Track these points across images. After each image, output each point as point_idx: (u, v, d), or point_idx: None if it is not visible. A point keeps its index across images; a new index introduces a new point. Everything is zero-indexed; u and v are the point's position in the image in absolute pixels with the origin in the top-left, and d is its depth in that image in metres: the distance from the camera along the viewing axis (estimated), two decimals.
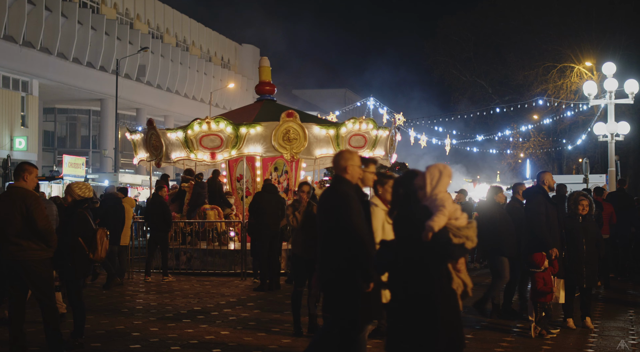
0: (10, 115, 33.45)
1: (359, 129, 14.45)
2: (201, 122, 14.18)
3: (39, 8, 35.36)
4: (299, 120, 13.98)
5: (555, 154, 46.04)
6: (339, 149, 13.93)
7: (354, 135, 14.42)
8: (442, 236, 4.48)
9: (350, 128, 14.35)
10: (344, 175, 5.22)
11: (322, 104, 68.29)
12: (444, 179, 4.73)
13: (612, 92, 21.30)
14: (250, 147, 14.06)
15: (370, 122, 14.65)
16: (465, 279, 4.82)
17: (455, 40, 49.08)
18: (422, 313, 4.41)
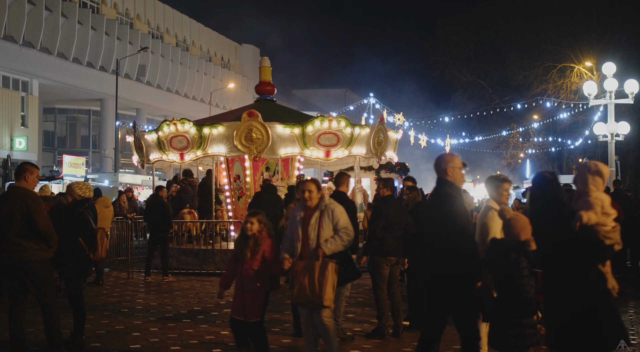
0: (10, 115, 33.46)
1: (329, 127, 14.10)
2: (169, 123, 14.62)
3: (39, 8, 35.37)
4: (261, 119, 14.00)
5: (555, 154, 46.05)
6: (306, 147, 13.97)
7: (324, 133, 14.12)
8: (592, 237, 4.64)
9: (317, 126, 14.06)
10: (445, 177, 5.33)
11: (322, 104, 68.32)
12: (596, 177, 4.97)
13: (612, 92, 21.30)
14: (214, 147, 14.28)
15: (342, 120, 14.20)
16: (611, 280, 4.97)
17: (455, 40, 49.10)
18: (582, 315, 4.56)
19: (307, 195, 6.09)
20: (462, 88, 50.09)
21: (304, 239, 6.04)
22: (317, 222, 6.03)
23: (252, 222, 6.09)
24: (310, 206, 6.11)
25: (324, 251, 5.91)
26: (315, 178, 6.51)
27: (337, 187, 8.16)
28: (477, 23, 47.88)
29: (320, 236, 5.98)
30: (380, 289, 7.85)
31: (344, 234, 6.01)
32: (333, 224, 6.01)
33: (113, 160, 40.12)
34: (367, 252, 8.24)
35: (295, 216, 6.19)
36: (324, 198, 6.16)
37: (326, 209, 6.07)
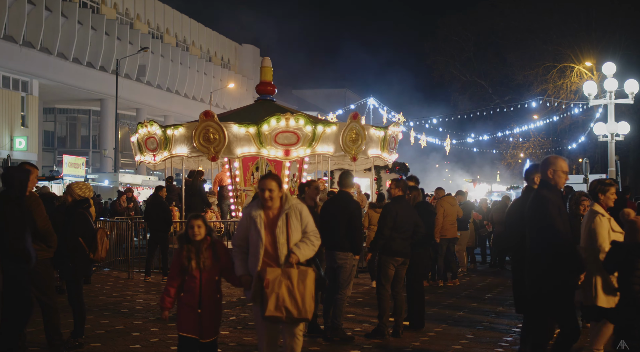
0: (10, 115, 33.45)
1: (286, 125, 13.88)
2: (142, 125, 15.11)
3: (39, 8, 35.36)
4: (217, 119, 14.06)
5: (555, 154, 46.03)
6: (262, 147, 13.93)
7: (281, 132, 13.89)
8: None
9: (274, 125, 13.84)
10: (547, 180, 5.52)
11: (322, 104, 68.33)
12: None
13: (612, 92, 21.30)
14: (177, 148, 14.46)
15: (301, 118, 13.96)
16: None
17: (455, 40, 49.09)
18: None
19: (267, 195, 5.31)
20: (462, 88, 50.10)
21: (269, 244, 5.29)
22: (284, 225, 5.31)
23: (199, 225, 5.41)
24: (270, 207, 5.38)
25: (297, 258, 5.25)
26: (277, 174, 5.92)
27: (341, 187, 8.08)
28: (477, 23, 47.90)
29: (290, 240, 5.30)
30: (384, 289, 7.84)
31: (314, 238, 5.40)
32: (302, 227, 5.38)
33: (113, 160, 40.11)
34: (373, 250, 8.25)
35: (252, 216, 5.36)
36: (288, 198, 5.45)
37: (293, 210, 5.37)
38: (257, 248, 5.28)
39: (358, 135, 14.48)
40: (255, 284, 5.26)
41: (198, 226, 5.41)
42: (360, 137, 14.50)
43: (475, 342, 7.67)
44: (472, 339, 7.82)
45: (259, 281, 5.21)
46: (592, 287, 6.09)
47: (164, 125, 14.75)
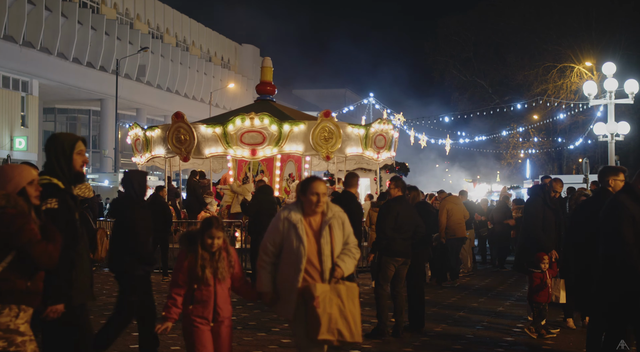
0: (10, 115, 33.45)
1: (251, 125, 14.02)
2: (131, 127, 15.88)
3: (39, 8, 35.35)
4: (187, 120, 14.32)
5: (555, 154, 46.05)
6: (229, 146, 14.05)
7: (247, 132, 14.07)
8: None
9: (239, 125, 14.05)
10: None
11: (322, 104, 68.32)
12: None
13: (612, 92, 21.28)
14: (156, 149, 14.95)
15: (265, 118, 14.03)
16: None
17: (455, 40, 49.09)
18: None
19: (315, 199, 4.74)
20: (462, 88, 50.08)
21: (312, 254, 4.72)
22: (328, 234, 4.76)
23: (219, 236, 4.78)
24: (316, 213, 4.81)
25: (342, 272, 4.73)
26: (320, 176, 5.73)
27: (346, 188, 8.05)
28: (477, 23, 47.90)
29: (334, 252, 4.76)
30: (382, 288, 7.84)
31: (355, 251, 4.88)
32: (344, 238, 4.86)
33: (113, 160, 40.11)
34: (374, 250, 8.25)
35: (292, 221, 4.76)
36: (330, 206, 4.91)
37: (336, 219, 4.83)
38: (299, 258, 4.66)
39: (331, 134, 14.28)
40: (296, 301, 4.66)
41: (219, 237, 4.78)
42: (334, 135, 14.30)
43: (475, 342, 7.67)
44: (472, 339, 7.81)
45: (307, 298, 4.60)
46: None
47: (144, 127, 15.23)
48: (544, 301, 7.87)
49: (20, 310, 3.86)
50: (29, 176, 4.09)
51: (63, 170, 4.71)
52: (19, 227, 3.79)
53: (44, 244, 3.84)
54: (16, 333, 3.83)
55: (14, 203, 3.86)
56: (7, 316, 3.81)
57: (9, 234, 3.78)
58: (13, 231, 3.78)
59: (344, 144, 14.59)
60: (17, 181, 4.05)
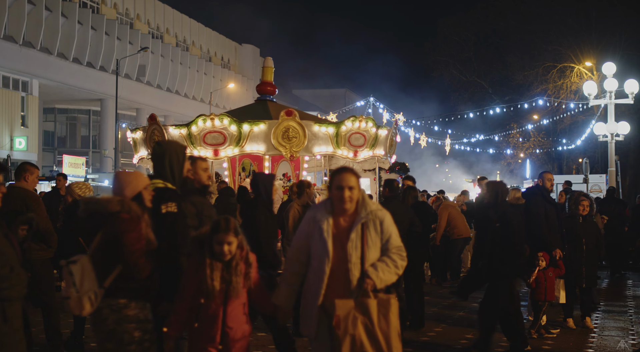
0: (10, 115, 33.45)
1: (212, 125, 14.20)
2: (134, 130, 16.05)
3: (39, 8, 35.35)
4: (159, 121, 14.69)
5: (555, 154, 46.05)
6: (194, 147, 14.22)
7: (209, 132, 14.24)
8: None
9: (201, 126, 14.25)
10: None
11: (322, 104, 68.31)
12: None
13: (612, 92, 21.31)
14: (141, 151, 15.48)
15: (225, 118, 14.19)
16: None
17: (455, 40, 49.08)
18: None
19: (347, 195, 4.07)
20: (462, 88, 50.08)
21: (337, 261, 4.04)
22: (359, 238, 4.06)
23: (230, 242, 4.15)
24: (346, 211, 4.13)
25: (374, 283, 3.99)
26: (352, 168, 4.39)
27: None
28: (477, 23, 47.88)
29: (365, 259, 4.04)
30: None
31: (397, 257, 4.12)
32: (382, 242, 4.13)
33: (113, 160, 40.10)
34: None
35: (317, 220, 4.14)
36: (366, 202, 4.17)
37: (371, 218, 4.11)
38: (321, 265, 4.04)
39: (295, 133, 14.15)
40: (317, 317, 4.03)
41: (229, 243, 4.14)
42: (298, 134, 14.14)
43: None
44: (472, 339, 7.81)
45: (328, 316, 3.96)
46: None
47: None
48: (542, 298, 7.87)
49: (145, 302, 4.27)
50: (144, 181, 4.46)
51: (174, 176, 4.95)
52: (125, 230, 4.18)
53: (143, 258, 4.19)
54: (147, 322, 4.23)
55: (128, 208, 4.20)
56: (135, 309, 4.18)
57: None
58: (118, 233, 4.17)
59: (311, 143, 14.34)
60: (134, 186, 4.39)
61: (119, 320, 4.12)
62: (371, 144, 14.91)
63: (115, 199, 4.23)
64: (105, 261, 4.17)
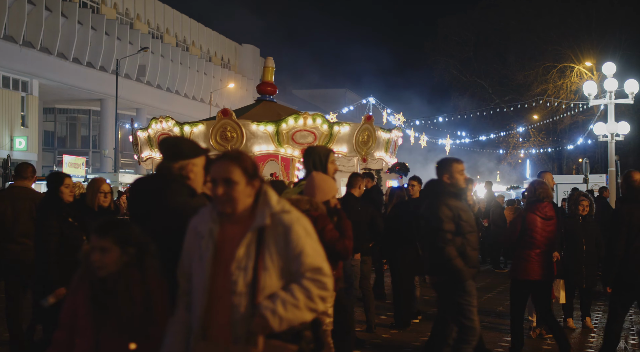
0: (10, 115, 33.45)
1: (162, 128, 14.59)
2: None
3: (39, 8, 35.36)
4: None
5: (555, 154, 46.05)
6: (151, 148, 14.91)
7: (161, 135, 14.63)
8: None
9: (157, 128, 14.73)
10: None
11: (322, 104, 68.31)
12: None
13: (612, 92, 21.28)
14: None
15: (169, 120, 14.53)
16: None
17: (455, 40, 49.08)
18: None
19: (220, 192, 2.83)
20: (462, 88, 50.08)
21: (219, 289, 2.81)
22: (250, 256, 2.78)
23: (104, 248, 3.02)
24: (230, 214, 2.86)
25: (268, 324, 2.70)
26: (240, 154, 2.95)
27: (348, 189, 7.92)
28: (477, 23, 47.88)
29: (259, 288, 2.75)
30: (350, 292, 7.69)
31: (313, 285, 2.76)
32: (289, 262, 2.79)
33: (113, 160, 40.11)
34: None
35: (198, 234, 2.90)
36: (268, 199, 2.86)
37: (274, 226, 2.80)
38: (197, 293, 2.84)
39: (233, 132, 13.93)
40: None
41: (102, 249, 3.02)
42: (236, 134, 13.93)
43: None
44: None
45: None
46: None
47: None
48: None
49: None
50: (335, 190, 4.87)
51: None
52: (322, 227, 4.46)
53: (343, 240, 4.60)
54: (325, 315, 4.45)
55: (316, 206, 4.56)
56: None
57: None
58: (317, 230, 4.01)
59: (250, 143, 14.05)
60: (325, 192, 4.81)
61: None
62: (325, 142, 14.13)
63: (304, 199, 4.59)
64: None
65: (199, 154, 3.57)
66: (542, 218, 6.75)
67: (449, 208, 5.44)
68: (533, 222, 6.73)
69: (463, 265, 5.42)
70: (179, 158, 3.51)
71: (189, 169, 3.50)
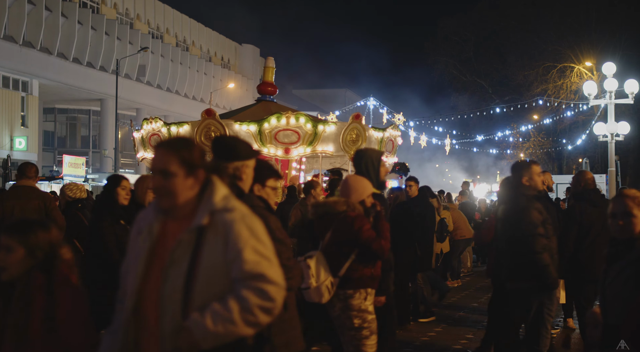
0: (10, 115, 33.45)
1: (152, 129, 14.84)
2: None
3: (39, 8, 35.36)
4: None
5: (555, 154, 46.05)
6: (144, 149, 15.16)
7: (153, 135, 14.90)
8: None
9: (148, 128, 14.93)
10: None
11: (322, 104, 68.32)
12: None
13: (612, 92, 21.28)
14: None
15: (158, 121, 14.83)
16: None
17: (455, 40, 49.10)
18: None
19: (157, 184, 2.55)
20: (462, 88, 50.09)
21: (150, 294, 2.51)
22: (184, 259, 2.48)
23: (10, 247, 2.79)
24: (167, 210, 2.58)
25: (192, 340, 2.38)
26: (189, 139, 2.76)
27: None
28: (477, 23, 47.90)
29: (192, 295, 2.44)
30: None
31: (252, 294, 2.43)
32: (227, 265, 2.46)
33: (113, 160, 40.10)
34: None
35: (139, 227, 2.64)
36: (211, 197, 2.54)
37: (215, 226, 2.49)
38: (126, 302, 2.55)
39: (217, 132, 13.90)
40: None
41: (7, 248, 2.78)
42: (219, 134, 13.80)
43: (475, 342, 7.66)
44: (472, 339, 7.81)
45: None
46: None
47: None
48: None
49: (367, 293, 4.76)
50: (369, 190, 4.96)
51: (372, 179, 5.34)
52: (360, 227, 4.67)
53: (379, 239, 4.71)
54: (367, 312, 4.72)
55: (353, 207, 4.76)
56: (358, 299, 4.70)
57: (352, 233, 4.67)
58: (355, 230, 4.65)
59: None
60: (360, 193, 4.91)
61: (343, 308, 4.72)
62: (308, 141, 14.13)
63: (341, 200, 4.80)
64: (339, 254, 4.72)
65: (253, 155, 3.64)
66: None
67: (539, 212, 5.33)
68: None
69: (555, 271, 5.34)
70: (235, 159, 3.54)
71: (242, 171, 3.55)
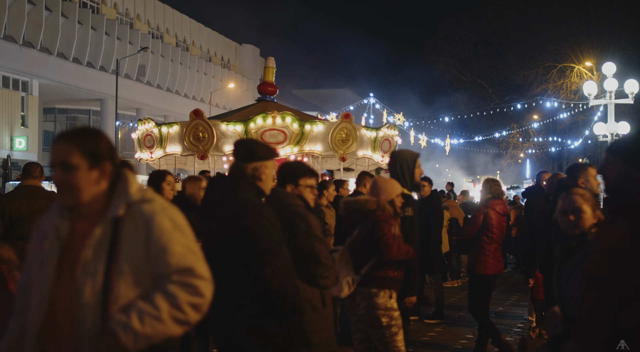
0: (10, 115, 33.46)
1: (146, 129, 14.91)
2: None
3: (39, 8, 35.36)
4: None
5: (555, 154, 46.07)
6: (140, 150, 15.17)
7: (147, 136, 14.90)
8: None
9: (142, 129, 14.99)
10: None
11: (322, 104, 68.31)
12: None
13: (612, 92, 21.29)
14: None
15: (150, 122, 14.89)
16: None
17: (455, 40, 49.10)
18: None
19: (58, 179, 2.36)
20: (462, 88, 50.09)
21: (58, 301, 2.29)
22: (100, 257, 2.28)
23: None
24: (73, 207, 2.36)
25: (118, 343, 2.20)
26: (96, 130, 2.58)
27: (357, 187, 7.97)
28: (477, 23, 47.89)
29: (112, 296, 2.26)
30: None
31: (181, 290, 2.27)
32: (151, 260, 2.30)
33: None
34: None
35: (42, 231, 2.41)
36: (124, 190, 2.37)
37: (133, 219, 2.33)
38: (34, 308, 2.32)
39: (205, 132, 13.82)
40: None
41: None
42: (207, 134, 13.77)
43: (475, 342, 7.67)
44: (472, 339, 7.82)
45: None
46: None
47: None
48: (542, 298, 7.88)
49: (391, 293, 4.92)
50: (398, 190, 5.05)
51: (407, 181, 5.46)
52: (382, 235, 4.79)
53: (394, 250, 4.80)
54: (393, 310, 4.89)
55: (383, 207, 4.90)
56: (383, 297, 4.87)
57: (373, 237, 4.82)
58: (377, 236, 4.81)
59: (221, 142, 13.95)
60: (389, 193, 5.00)
61: (369, 306, 4.86)
62: (295, 141, 13.95)
63: (372, 199, 4.93)
64: (363, 252, 4.87)
65: (271, 156, 3.77)
66: (500, 214, 7.12)
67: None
68: (493, 218, 7.05)
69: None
70: (253, 160, 3.71)
71: (261, 171, 3.71)
